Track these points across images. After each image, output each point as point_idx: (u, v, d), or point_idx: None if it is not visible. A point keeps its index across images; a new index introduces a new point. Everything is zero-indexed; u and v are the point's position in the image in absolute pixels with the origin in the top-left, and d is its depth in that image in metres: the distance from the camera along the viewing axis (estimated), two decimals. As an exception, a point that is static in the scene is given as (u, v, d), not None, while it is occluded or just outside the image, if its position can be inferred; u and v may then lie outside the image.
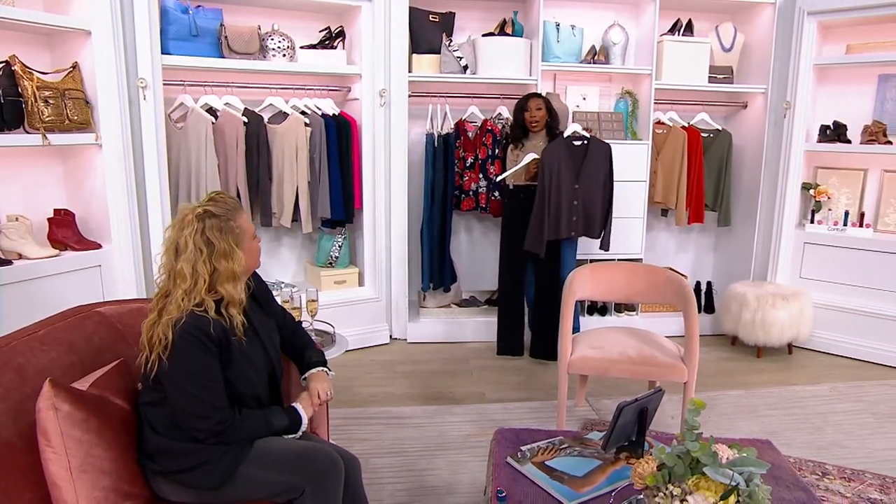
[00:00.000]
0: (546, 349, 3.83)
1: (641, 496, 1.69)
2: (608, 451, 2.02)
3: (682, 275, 3.89)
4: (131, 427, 1.69)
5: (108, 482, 1.54)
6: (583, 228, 3.71)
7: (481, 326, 4.20)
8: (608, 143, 3.71)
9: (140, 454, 1.67)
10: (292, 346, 2.00)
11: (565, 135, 3.60)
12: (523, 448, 2.07)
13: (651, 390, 2.06)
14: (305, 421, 1.85)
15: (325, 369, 2.01)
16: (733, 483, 1.48)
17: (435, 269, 4.15)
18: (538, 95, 3.74)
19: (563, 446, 2.10)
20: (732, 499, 1.48)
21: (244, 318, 1.74)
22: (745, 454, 1.57)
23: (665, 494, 1.51)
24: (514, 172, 3.67)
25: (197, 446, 1.65)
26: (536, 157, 3.59)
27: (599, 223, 3.73)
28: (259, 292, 1.92)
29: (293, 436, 1.82)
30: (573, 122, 3.98)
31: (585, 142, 3.62)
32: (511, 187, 3.78)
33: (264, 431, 1.75)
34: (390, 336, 4.19)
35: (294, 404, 1.86)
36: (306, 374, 1.98)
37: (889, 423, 3.15)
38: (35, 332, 1.79)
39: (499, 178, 3.83)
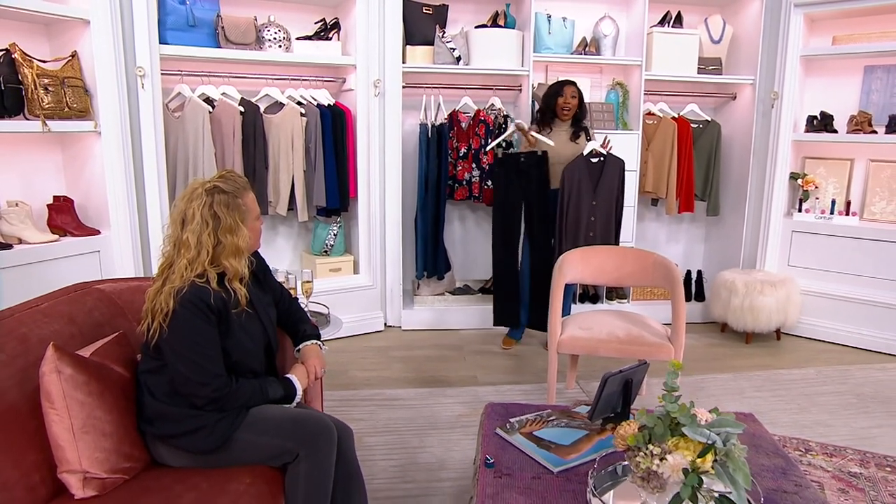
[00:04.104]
0: (543, 321, 3.90)
1: (626, 462, 1.76)
2: (594, 421, 2.08)
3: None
4: (131, 394, 1.75)
5: (109, 444, 1.60)
6: (598, 241, 3.76)
7: (475, 314, 4.27)
8: (622, 159, 3.75)
9: (140, 419, 1.73)
10: (287, 319, 2.06)
11: (584, 153, 3.66)
12: (512, 420, 2.13)
13: (636, 363, 2.12)
14: (300, 392, 1.91)
15: (319, 342, 2.07)
16: (710, 442, 1.54)
17: (429, 258, 4.21)
18: (573, 83, 3.72)
19: (551, 418, 2.16)
20: (710, 457, 1.54)
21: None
22: (723, 416, 1.63)
23: (646, 454, 1.57)
24: (498, 142, 3.81)
25: (195, 412, 1.71)
26: (521, 123, 3.70)
27: (612, 235, 3.80)
28: (258, 268, 1.98)
29: (288, 406, 1.88)
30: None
31: (602, 158, 3.68)
32: (499, 155, 3.81)
33: (260, 400, 1.80)
34: (385, 323, 4.26)
35: (289, 375, 1.92)
36: (300, 347, 2.04)
37: (872, 404, 3.22)
38: (38, 305, 1.86)
39: (487, 148, 3.96)
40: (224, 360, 1.74)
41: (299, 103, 3.85)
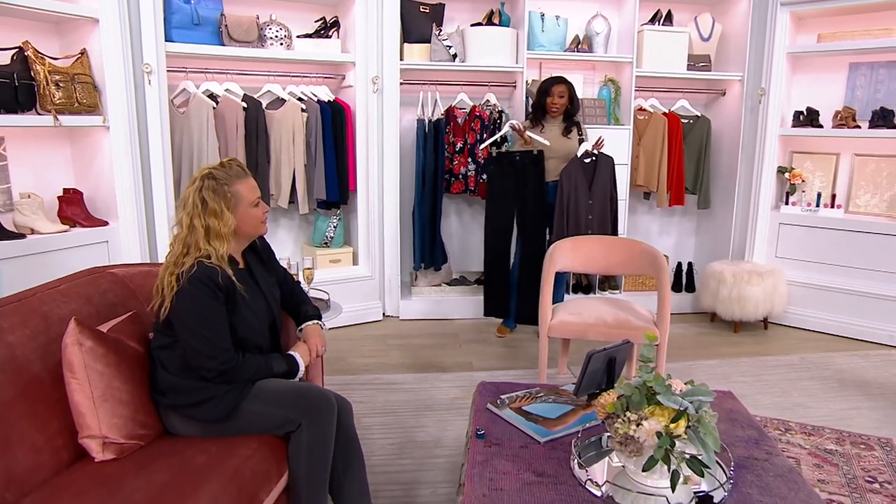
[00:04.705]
0: (532, 315, 4.01)
1: (608, 433, 1.88)
2: (579, 397, 2.20)
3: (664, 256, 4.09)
4: (145, 367, 1.88)
5: (125, 412, 1.73)
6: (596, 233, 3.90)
7: (471, 304, 4.39)
8: (611, 157, 3.89)
9: (153, 391, 1.86)
10: (290, 300, 2.19)
11: (578, 154, 3.78)
12: (503, 396, 2.26)
13: (620, 342, 2.24)
14: (302, 368, 2.04)
15: (320, 323, 2.19)
16: (682, 409, 1.66)
17: (426, 250, 4.34)
18: (563, 81, 3.80)
19: (539, 395, 2.29)
20: (683, 422, 1.66)
21: (248, 272, 1.96)
22: (696, 387, 1.75)
23: (623, 420, 1.70)
24: (492, 141, 3.96)
25: (204, 384, 1.83)
26: (515, 123, 3.80)
27: (609, 230, 3.92)
28: (263, 251, 2.11)
29: (291, 380, 2.00)
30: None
31: (594, 158, 3.81)
32: (493, 154, 3.94)
33: (265, 374, 1.93)
34: (383, 313, 4.39)
35: (292, 352, 2.04)
36: (302, 326, 2.17)
37: (851, 388, 3.35)
38: (57, 287, 1.98)
39: (481, 147, 4.07)
40: (231, 335, 1.86)
41: (300, 99, 3.97)
